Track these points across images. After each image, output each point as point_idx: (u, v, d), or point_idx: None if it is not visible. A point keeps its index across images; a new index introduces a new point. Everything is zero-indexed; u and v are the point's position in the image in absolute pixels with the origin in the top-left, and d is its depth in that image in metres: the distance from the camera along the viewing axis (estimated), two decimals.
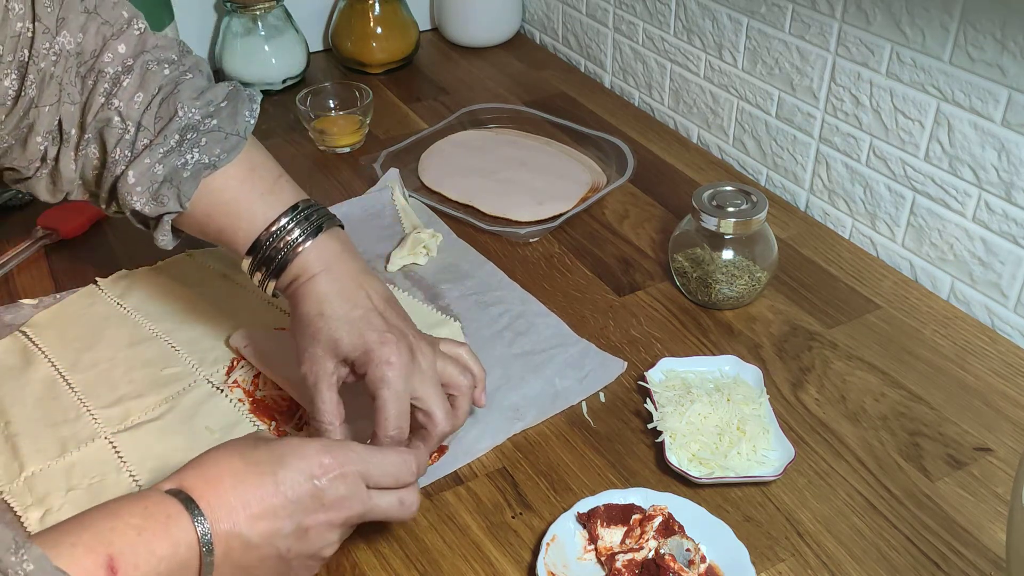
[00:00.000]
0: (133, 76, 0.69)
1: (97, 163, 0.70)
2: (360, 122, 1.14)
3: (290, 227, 0.68)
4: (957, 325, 0.86)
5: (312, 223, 0.69)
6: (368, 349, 0.65)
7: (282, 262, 0.68)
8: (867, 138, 0.94)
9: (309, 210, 0.69)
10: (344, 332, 0.65)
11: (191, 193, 0.68)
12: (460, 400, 0.69)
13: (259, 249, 0.68)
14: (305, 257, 0.68)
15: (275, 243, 0.68)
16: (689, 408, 0.73)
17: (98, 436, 0.74)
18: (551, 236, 0.98)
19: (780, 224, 1.00)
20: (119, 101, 0.68)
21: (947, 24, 0.83)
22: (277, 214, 0.68)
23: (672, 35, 1.17)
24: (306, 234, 0.68)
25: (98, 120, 0.69)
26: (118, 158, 0.69)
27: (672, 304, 0.89)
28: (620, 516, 0.65)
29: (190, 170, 0.68)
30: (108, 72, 0.68)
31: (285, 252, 0.68)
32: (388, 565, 0.65)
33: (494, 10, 1.40)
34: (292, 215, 0.68)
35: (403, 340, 0.66)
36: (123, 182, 0.68)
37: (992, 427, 0.75)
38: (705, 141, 1.17)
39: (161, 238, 0.71)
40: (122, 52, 0.69)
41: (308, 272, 0.68)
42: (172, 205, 0.68)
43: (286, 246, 0.68)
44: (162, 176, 0.68)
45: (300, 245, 0.68)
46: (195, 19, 1.30)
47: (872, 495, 0.69)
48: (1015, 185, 0.82)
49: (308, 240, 0.68)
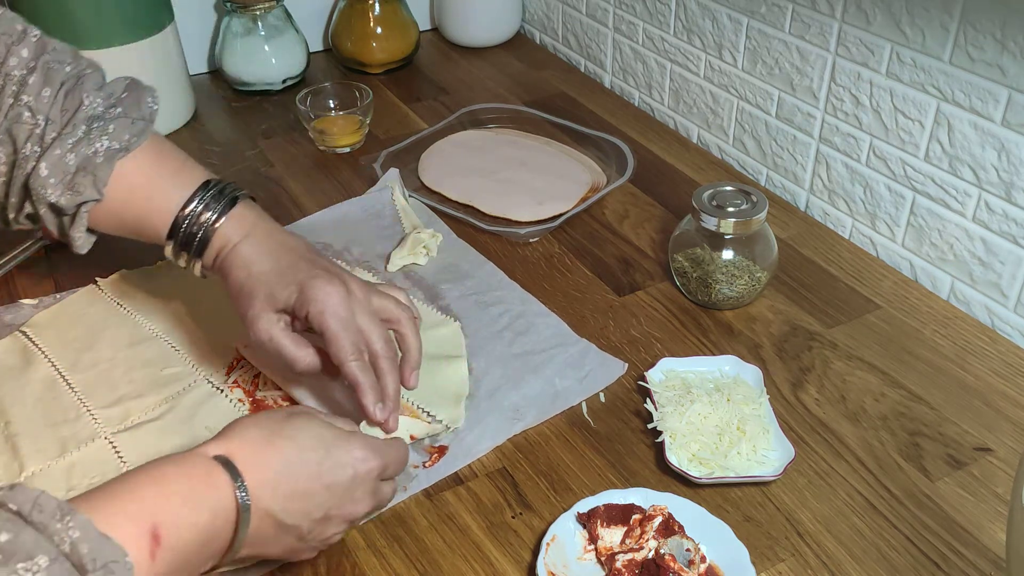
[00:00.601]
0: (37, 74, 0.70)
1: (5, 168, 0.71)
2: (360, 122, 1.14)
3: (205, 203, 0.70)
4: (957, 325, 0.86)
5: (226, 196, 0.71)
6: (302, 289, 0.67)
7: (203, 240, 0.70)
8: (867, 138, 0.94)
9: (220, 186, 0.72)
10: (276, 282, 0.68)
11: (107, 178, 0.69)
12: (405, 332, 0.71)
13: (178, 231, 0.70)
14: (224, 230, 0.70)
15: (193, 222, 0.70)
16: (689, 408, 0.73)
17: (98, 436, 0.74)
18: (551, 236, 0.98)
19: (780, 224, 1.00)
20: (28, 97, 0.70)
21: (947, 24, 0.83)
22: (190, 192, 0.71)
23: (672, 35, 1.17)
24: (221, 208, 0.70)
25: (8, 119, 0.70)
26: (28, 154, 0.70)
27: (672, 304, 0.89)
28: (620, 516, 0.65)
29: (103, 156, 0.69)
30: (15, 75, 0.70)
31: (204, 229, 0.70)
32: (388, 565, 0.65)
33: (494, 10, 1.40)
34: (204, 193, 0.71)
35: (334, 276, 0.69)
36: (35, 176, 0.69)
37: (992, 427, 0.75)
38: (705, 141, 1.17)
39: (77, 236, 0.72)
40: (25, 56, 0.71)
41: (230, 242, 0.70)
42: (89, 193, 0.69)
43: (204, 222, 0.70)
44: (75, 166, 0.69)
45: (217, 220, 0.70)
46: (195, 19, 1.30)
47: (872, 495, 0.69)
48: (1015, 185, 0.82)
49: (224, 214, 0.70)
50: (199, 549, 0.53)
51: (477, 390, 0.78)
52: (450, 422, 0.75)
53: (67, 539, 0.45)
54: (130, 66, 1.11)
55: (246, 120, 1.22)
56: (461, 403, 0.76)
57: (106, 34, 1.08)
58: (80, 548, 0.45)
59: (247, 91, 1.28)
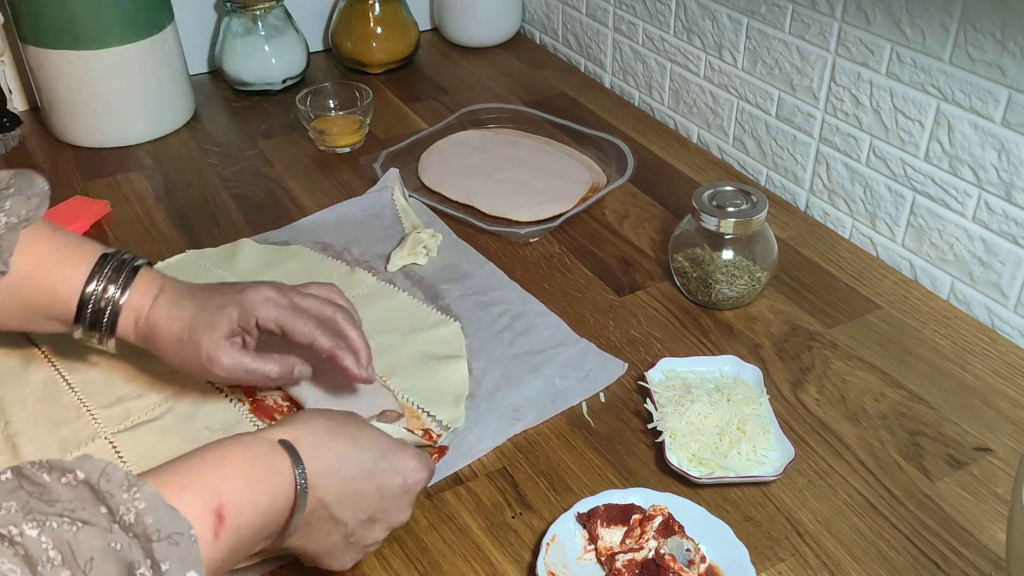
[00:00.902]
0: None
1: None
2: (360, 122, 1.14)
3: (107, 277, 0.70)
4: (957, 325, 0.86)
5: (126, 266, 0.70)
6: (240, 305, 0.69)
7: (112, 315, 0.70)
8: (867, 138, 0.94)
9: (119, 257, 0.71)
10: (211, 315, 0.69)
11: (12, 247, 0.69)
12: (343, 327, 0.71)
13: (85, 309, 0.69)
14: (132, 302, 0.70)
15: (99, 298, 0.69)
16: (689, 408, 0.73)
17: (98, 436, 0.74)
18: (551, 236, 0.98)
19: (780, 224, 1.00)
20: None
21: (947, 24, 0.83)
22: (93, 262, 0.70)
23: (672, 35, 1.17)
24: (124, 280, 0.70)
25: None
26: None
27: (672, 304, 0.89)
28: (620, 516, 0.65)
29: (3, 228, 0.69)
30: None
31: (112, 305, 0.70)
32: (388, 565, 0.65)
33: (494, 10, 1.40)
34: (104, 265, 0.70)
35: (259, 284, 0.71)
36: None
37: (992, 427, 0.75)
38: (705, 141, 1.17)
39: None
40: None
41: (144, 309, 0.70)
42: None
43: (111, 298, 0.69)
44: None
45: (123, 293, 0.70)
46: (195, 19, 1.30)
47: (872, 495, 0.69)
48: (1015, 185, 0.82)
49: (128, 285, 0.70)
50: (256, 532, 0.53)
51: (477, 390, 0.78)
52: (450, 422, 0.75)
53: (132, 509, 0.45)
54: (130, 66, 1.11)
55: (246, 120, 1.22)
56: (461, 403, 0.76)
57: (106, 34, 1.08)
58: (145, 519, 0.46)
59: (247, 91, 1.28)
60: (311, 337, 0.69)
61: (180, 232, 0.99)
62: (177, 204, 1.04)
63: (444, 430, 0.74)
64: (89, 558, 0.43)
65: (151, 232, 0.99)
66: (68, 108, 1.13)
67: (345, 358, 0.70)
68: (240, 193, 1.06)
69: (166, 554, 0.45)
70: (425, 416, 0.75)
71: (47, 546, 0.42)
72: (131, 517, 0.45)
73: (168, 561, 0.45)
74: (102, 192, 1.06)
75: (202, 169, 1.11)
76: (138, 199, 1.05)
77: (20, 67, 1.21)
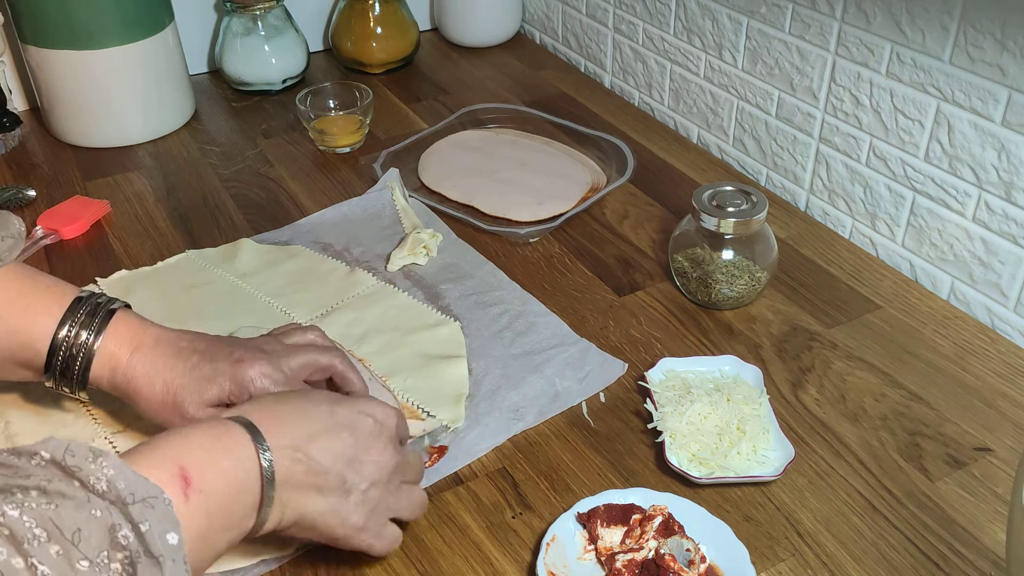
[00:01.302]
0: None
1: None
2: (360, 122, 1.14)
3: (79, 322, 0.66)
4: (957, 325, 0.86)
5: (101, 308, 0.67)
6: (234, 379, 0.66)
7: (84, 364, 0.66)
8: (867, 138, 0.94)
9: (91, 300, 0.68)
10: (201, 383, 0.66)
11: None
12: (341, 371, 0.70)
13: (55, 355, 0.66)
14: (108, 347, 0.66)
15: (69, 348, 0.66)
16: (689, 408, 0.73)
17: (98, 436, 0.73)
18: (551, 236, 0.98)
19: (780, 224, 1.00)
20: None
21: (947, 24, 0.83)
22: (67, 304, 0.67)
23: (672, 35, 1.17)
24: (99, 324, 0.66)
25: None
26: None
27: (672, 304, 0.89)
28: (620, 516, 0.65)
29: None
30: None
31: (84, 352, 0.66)
32: (388, 565, 0.65)
33: (494, 10, 1.40)
34: (77, 309, 0.67)
35: (252, 351, 0.67)
36: None
37: (992, 427, 0.75)
38: (705, 141, 1.17)
39: None
40: None
41: (122, 358, 0.66)
42: None
43: (81, 347, 0.66)
44: None
45: (95, 339, 0.66)
46: (195, 19, 1.30)
47: (872, 495, 0.69)
48: (1015, 185, 0.82)
49: (102, 330, 0.66)
50: (232, 497, 0.53)
51: (477, 390, 0.78)
52: (450, 422, 0.75)
53: (103, 477, 0.46)
54: (130, 66, 1.11)
55: (246, 120, 1.22)
56: (461, 403, 0.76)
57: (106, 34, 1.08)
58: (117, 484, 0.46)
59: (247, 91, 1.28)
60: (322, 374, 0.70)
61: (180, 232, 0.99)
62: (177, 204, 1.04)
63: (444, 429, 0.74)
64: (76, 530, 0.43)
65: (151, 232, 0.99)
66: (68, 108, 1.13)
67: (352, 379, 0.70)
68: (240, 193, 1.06)
69: (144, 516, 0.46)
70: (422, 414, 0.75)
71: (30, 524, 0.43)
72: (103, 485, 0.46)
73: (147, 522, 0.46)
74: (102, 192, 1.06)
75: (202, 169, 1.11)
76: (138, 199, 1.05)
77: (20, 67, 1.21)
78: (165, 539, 0.46)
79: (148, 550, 0.45)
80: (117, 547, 0.44)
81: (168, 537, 0.46)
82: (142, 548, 0.45)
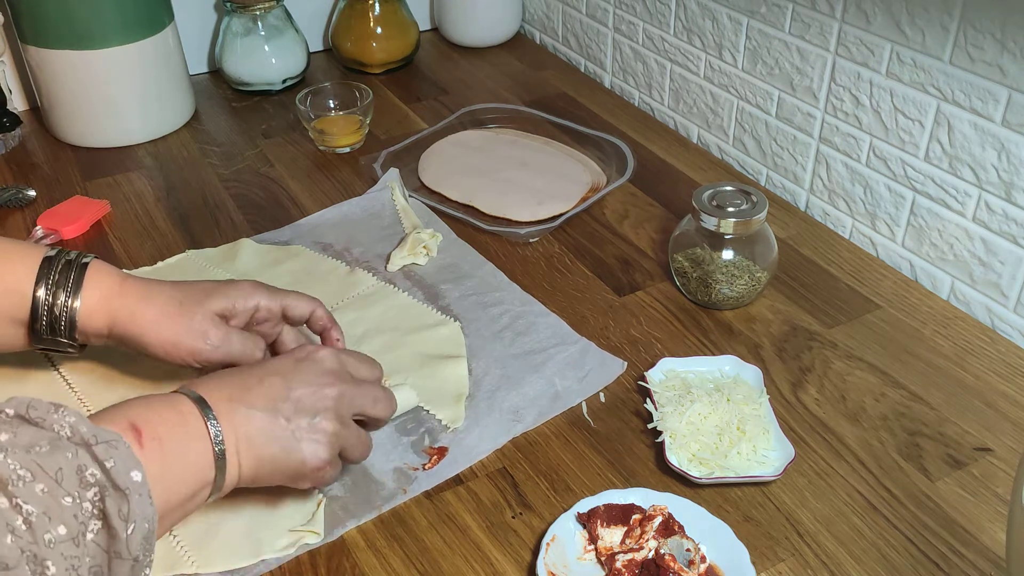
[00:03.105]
0: None
1: None
2: (360, 122, 1.14)
3: (55, 282, 0.66)
4: (957, 325, 0.86)
5: (73, 264, 0.67)
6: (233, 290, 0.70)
7: (70, 322, 0.67)
8: (867, 138, 0.94)
9: (60, 256, 0.68)
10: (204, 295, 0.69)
11: None
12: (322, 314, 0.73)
13: (38, 320, 0.67)
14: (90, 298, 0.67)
15: (51, 308, 0.66)
16: (689, 408, 0.73)
17: None
18: (551, 236, 0.98)
19: (780, 224, 1.00)
20: None
21: (947, 24, 0.83)
22: (38, 262, 0.67)
23: (672, 35, 1.17)
24: (75, 282, 0.67)
25: None
26: None
27: (672, 304, 0.89)
28: (620, 516, 0.65)
29: None
30: None
31: (67, 313, 0.67)
32: (388, 565, 0.65)
33: (494, 10, 1.40)
34: (49, 268, 0.67)
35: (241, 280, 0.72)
36: None
37: (992, 427, 0.75)
38: (705, 141, 1.17)
39: None
40: None
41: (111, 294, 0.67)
42: None
43: (62, 308, 0.67)
44: None
45: (74, 298, 0.67)
46: (195, 19, 1.30)
47: (872, 495, 0.69)
48: (1015, 185, 0.82)
49: (78, 288, 0.67)
50: (182, 446, 0.56)
51: (477, 391, 0.78)
52: (450, 422, 0.75)
53: (66, 424, 0.49)
54: (130, 66, 1.11)
55: (246, 120, 1.22)
56: (461, 403, 0.76)
57: (106, 34, 1.08)
58: (79, 428, 0.49)
59: (247, 91, 1.28)
60: (312, 307, 0.72)
61: (180, 232, 0.99)
62: (177, 204, 1.04)
63: (444, 430, 0.74)
64: (58, 468, 0.47)
65: (151, 232, 0.99)
66: (68, 108, 1.13)
67: (335, 331, 0.74)
68: (240, 193, 1.06)
69: (108, 454, 0.49)
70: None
71: (15, 466, 0.45)
72: (67, 431, 0.49)
73: (112, 460, 0.49)
74: (102, 192, 1.06)
75: (202, 169, 1.11)
76: (138, 199, 1.05)
77: (20, 67, 1.21)
78: (129, 476, 0.49)
79: (115, 484, 0.48)
80: (86, 485, 0.47)
81: (132, 474, 0.49)
82: (109, 483, 0.48)
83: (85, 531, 0.47)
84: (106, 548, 0.48)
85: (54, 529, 0.45)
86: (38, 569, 0.44)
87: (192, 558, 0.64)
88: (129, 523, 0.48)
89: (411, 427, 0.75)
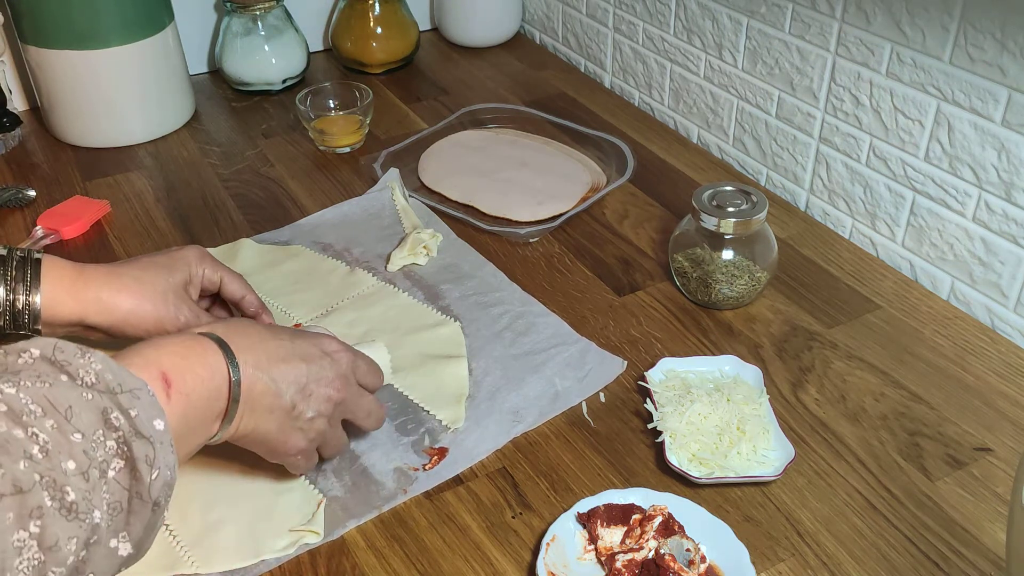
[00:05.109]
0: None
1: None
2: (360, 122, 1.14)
3: (14, 274, 0.67)
4: (957, 325, 0.86)
5: (27, 260, 0.68)
6: (188, 259, 0.74)
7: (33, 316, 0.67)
8: (867, 138, 0.94)
9: (12, 254, 0.68)
10: (165, 267, 0.73)
11: None
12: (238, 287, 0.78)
13: (2, 316, 0.67)
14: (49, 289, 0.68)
15: (13, 303, 0.67)
16: (689, 408, 0.73)
17: None
18: (551, 236, 0.98)
19: (780, 224, 1.00)
20: None
21: (947, 24, 0.83)
22: None
23: (672, 35, 1.17)
24: (32, 277, 0.68)
25: None
26: None
27: (672, 304, 0.89)
28: (620, 516, 0.65)
29: None
30: None
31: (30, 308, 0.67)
32: (388, 565, 0.65)
33: (494, 10, 1.40)
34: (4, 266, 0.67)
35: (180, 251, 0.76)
36: None
37: (992, 427, 0.75)
38: (705, 141, 1.17)
39: None
40: None
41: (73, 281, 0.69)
42: None
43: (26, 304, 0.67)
44: None
45: (35, 292, 0.67)
46: (195, 19, 1.30)
47: (872, 495, 0.69)
48: (1015, 185, 0.82)
49: (36, 282, 0.68)
50: (205, 403, 0.56)
51: (477, 391, 0.78)
52: (450, 422, 0.75)
53: (91, 370, 0.49)
54: (130, 66, 1.12)
55: (246, 120, 1.22)
56: (461, 403, 0.76)
57: (106, 34, 1.08)
58: (105, 376, 0.49)
59: (247, 91, 1.28)
60: (244, 292, 0.77)
61: (180, 232, 0.99)
62: (177, 204, 1.04)
63: (444, 430, 0.74)
64: (68, 406, 0.46)
65: (151, 232, 0.99)
66: (68, 108, 1.13)
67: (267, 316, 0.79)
68: (240, 193, 1.06)
69: (132, 403, 0.49)
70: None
71: (26, 401, 0.45)
72: (92, 377, 0.49)
73: (136, 409, 0.49)
74: (102, 192, 1.06)
75: (202, 169, 1.11)
76: (138, 199, 1.05)
77: (20, 67, 1.21)
78: (152, 424, 0.49)
79: (139, 432, 0.48)
80: (111, 427, 0.47)
81: (155, 423, 0.50)
82: (133, 430, 0.48)
83: (107, 468, 0.47)
84: (127, 487, 0.48)
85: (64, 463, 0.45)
86: (57, 494, 0.44)
87: (192, 558, 0.64)
88: (154, 469, 0.49)
89: (411, 427, 0.75)
